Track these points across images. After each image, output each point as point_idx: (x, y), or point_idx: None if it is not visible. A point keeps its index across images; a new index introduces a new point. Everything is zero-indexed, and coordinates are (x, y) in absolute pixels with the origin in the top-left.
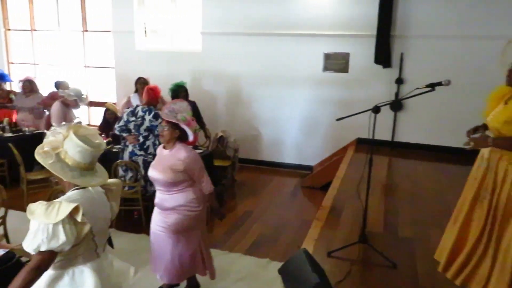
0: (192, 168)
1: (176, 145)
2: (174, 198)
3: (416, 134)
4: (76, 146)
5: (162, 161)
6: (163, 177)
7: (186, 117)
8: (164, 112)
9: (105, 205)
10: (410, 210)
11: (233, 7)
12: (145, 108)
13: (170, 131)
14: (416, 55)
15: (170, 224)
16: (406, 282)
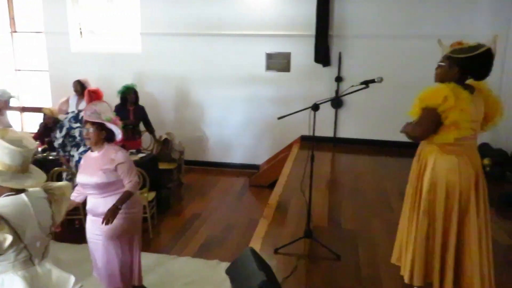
0: (122, 166)
1: (105, 146)
2: (108, 201)
3: (356, 130)
4: (4, 149)
5: (92, 164)
6: (95, 179)
7: (111, 117)
8: (87, 114)
9: (44, 211)
10: (352, 203)
11: (174, 7)
12: None
13: (96, 133)
14: (353, 54)
15: (106, 230)
16: (349, 273)
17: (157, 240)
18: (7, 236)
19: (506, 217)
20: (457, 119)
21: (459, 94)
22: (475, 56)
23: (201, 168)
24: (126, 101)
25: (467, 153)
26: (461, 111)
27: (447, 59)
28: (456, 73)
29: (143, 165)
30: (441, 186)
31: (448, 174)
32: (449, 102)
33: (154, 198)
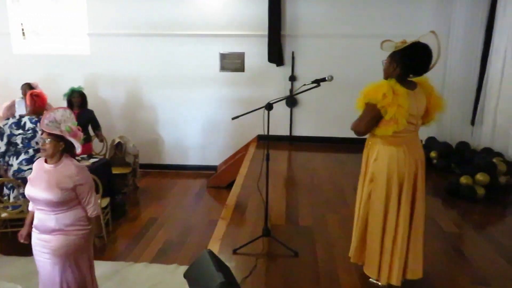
0: (82, 187)
1: (63, 160)
2: (60, 217)
3: (311, 128)
4: None
5: (46, 178)
6: (49, 196)
7: (71, 127)
8: (44, 123)
9: None
10: (309, 200)
11: (123, 7)
12: (34, 119)
13: (53, 144)
14: (306, 53)
15: (56, 248)
16: (307, 269)
17: (113, 247)
18: None
19: (452, 206)
20: (395, 114)
21: (397, 91)
22: (407, 51)
23: (157, 171)
24: (72, 105)
25: (406, 144)
26: (398, 106)
27: (389, 56)
28: (396, 68)
29: (96, 171)
30: (382, 176)
31: (388, 164)
32: (388, 99)
33: (108, 204)
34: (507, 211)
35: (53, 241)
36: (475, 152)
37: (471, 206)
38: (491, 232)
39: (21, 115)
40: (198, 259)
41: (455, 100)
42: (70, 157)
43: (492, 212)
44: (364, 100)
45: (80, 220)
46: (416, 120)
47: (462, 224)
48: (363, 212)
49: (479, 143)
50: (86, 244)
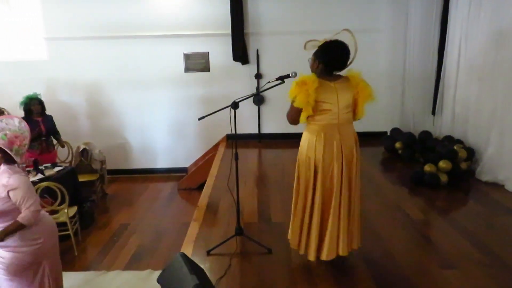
0: (15, 191)
1: (1, 168)
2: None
3: (279, 125)
4: None
5: None
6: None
7: (8, 135)
8: None
9: None
10: (280, 196)
11: (81, 9)
12: None
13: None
14: (270, 51)
15: (6, 264)
16: (281, 265)
17: (83, 257)
18: None
19: (417, 194)
20: (303, 102)
21: (306, 80)
22: (324, 49)
23: (126, 176)
24: (32, 113)
25: (327, 131)
26: (306, 95)
27: (313, 54)
28: (318, 64)
29: (61, 179)
30: (301, 159)
31: (306, 149)
32: (295, 91)
33: (76, 213)
34: (469, 196)
35: (2, 258)
36: (437, 141)
37: (436, 193)
38: (455, 217)
39: None
40: (171, 263)
41: (416, 92)
42: (9, 165)
43: (455, 197)
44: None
45: (28, 235)
46: (338, 109)
47: (427, 211)
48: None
49: (441, 132)
50: (40, 258)
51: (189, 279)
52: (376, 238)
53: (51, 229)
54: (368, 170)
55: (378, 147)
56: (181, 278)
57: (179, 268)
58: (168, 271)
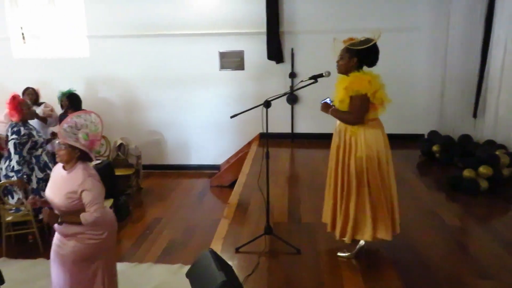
0: (86, 194)
1: (76, 166)
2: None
3: (312, 124)
4: None
5: (59, 183)
6: (58, 202)
7: (89, 134)
8: (63, 128)
9: None
10: (310, 197)
11: (121, 8)
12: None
13: (68, 151)
14: (304, 50)
15: (66, 253)
16: (310, 265)
17: (117, 248)
18: None
19: (454, 200)
20: (382, 97)
21: (376, 78)
22: (370, 47)
23: (160, 172)
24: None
25: (382, 126)
26: (382, 91)
27: (346, 52)
28: (356, 62)
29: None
30: (372, 156)
31: (377, 145)
32: (374, 85)
33: (112, 205)
34: (511, 204)
35: (66, 246)
36: (478, 145)
37: (474, 199)
38: (494, 225)
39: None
40: (199, 258)
41: (457, 93)
42: (84, 163)
43: (495, 205)
44: (350, 93)
45: (93, 229)
46: None
47: (465, 218)
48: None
49: (482, 136)
50: (99, 253)
51: (217, 275)
52: (409, 243)
53: (113, 226)
54: (402, 173)
55: (414, 150)
56: (209, 274)
57: (208, 264)
58: (196, 267)
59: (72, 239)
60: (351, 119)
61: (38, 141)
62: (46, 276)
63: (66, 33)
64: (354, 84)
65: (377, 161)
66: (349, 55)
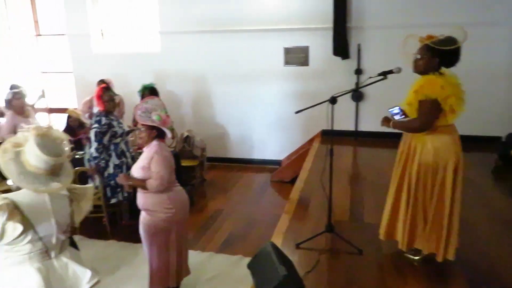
0: (153, 162)
1: (152, 143)
2: (147, 197)
3: (377, 123)
4: (33, 151)
5: (139, 160)
6: (134, 174)
7: (161, 115)
8: (138, 114)
9: (63, 209)
10: (374, 197)
11: (191, 4)
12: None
13: (147, 133)
14: (372, 46)
15: (144, 225)
16: (371, 266)
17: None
18: (18, 225)
19: None
20: (453, 104)
21: (450, 81)
22: (455, 48)
23: (223, 164)
24: None
25: (454, 132)
26: (454, 96)
27: (428, 50)
28: (437, 63)
29: None
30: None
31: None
32: (446, 91)
33: None
34: None
35: (144, 219)
36: None
37: None
38: None
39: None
40: (261, 251)
41: None
42: (158, 141)
43: None
44: (420, 97)
45: (163, 203)
46: None
47: None
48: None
49: None
50: (170, 226)
51: (278, 269)
52: (481, 254)
53: (183, 203)
54: (476, 178)
55: (490, 153)
56: (270, 267)
57: (269, 257)
58: (258, 259)
59: (147, 212)
60: (417, 125)
61: (118, 132)
62: (116, 257)
63: (140, 30)
64: (425, 87)
65: (443, 172)
66: (430, 54)
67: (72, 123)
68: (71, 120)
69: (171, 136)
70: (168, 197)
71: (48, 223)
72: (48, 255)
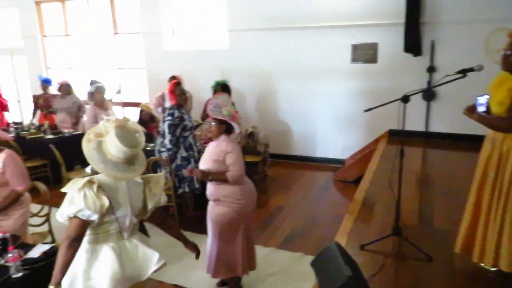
0: (229, 156)
1: (220, 137)
2: (219, 188)
3: (450, 124)
4: (113, 141)
5: (208, 153)
6: (206, 167)
7: (230, 111)
8: (210, 109)
9: (137, 195)
10: (446, 202)
11: (259, 2)
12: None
13: (217, 127)
14: (448, 42)
15: (214, 215)
16: (442, 275)
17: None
18: (105, 199)
19: None
20: None
21: None
22: None
23: (285, 161)
24: None
25: None
26: None
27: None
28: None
29: None
30: None
31: None
32: None
33: None
34: None
35: (214, 209)
36: None
37: None
38: None
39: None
40: (325, 250)
41: None
42: (227, 135)
43: None
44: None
45: (234, 193)
46: None
47: None
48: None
49: None
50: (239, 217)
51: (343, 269)
52: None
53: (252, 196)
54: None
55: None
56: (335, 267)
57: (333, 257)
58: (322, 258)
59: (218, 203)
60: (508, 126)
61: (188, 125)
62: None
63: (209, 28)
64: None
65: None
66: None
67: (144, 116)
68: (143, 114)
69: (239, 131)
70: (240, 189)
71: (125, 206)
72: (122, 236)
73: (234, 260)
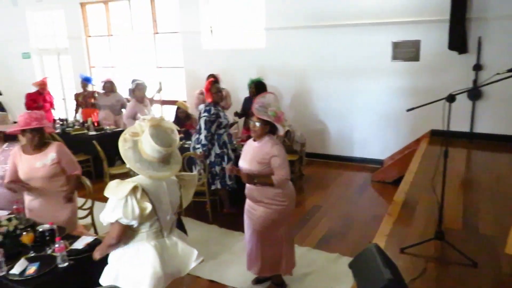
0: (275, 159)
1: (265, 138)
2: (262, 190)
3: (497, 125)
4: (147, 141)
5: (251, 153)
6: (250, 168)
7: (276, 112)
8: (255, 108)
9: (175, 193)
10: (492, 206)
11: (296, 0)
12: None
13: (261, 127)
14: (496, 38)
15: (256, 217)
16: (488, 283)
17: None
18: (148, 204)
19: None
20: None
21: None
22: None
23: (321, 161)
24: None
25: None
26: None
27: None
28: None
29: None
30: None
31: None
32: None
33: None
34: None
35: (256, 210)
36: None
37: None
38: None
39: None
40: (364, 251)
41: None
42: (271, 136)
43: None
44: None
45: (277, 195)
46: None
47: None
48: None
49: None
50: (281, 219)
51: (383, 271)
52: None
53: (293, 196)
54: None
55: None
56: (374, 269)
57: (373, 258)
58: (360, 259)
59: (261, 204)
60: None
61: (223, 123)
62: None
63: (247, 27)
64: None
65: None
66: None
67: (180, 114)
68: (180, 112)
69: (283, 133)
70: (282, 191)
71: (166, 205)
72: (162, 234)
73: (278, 259)
